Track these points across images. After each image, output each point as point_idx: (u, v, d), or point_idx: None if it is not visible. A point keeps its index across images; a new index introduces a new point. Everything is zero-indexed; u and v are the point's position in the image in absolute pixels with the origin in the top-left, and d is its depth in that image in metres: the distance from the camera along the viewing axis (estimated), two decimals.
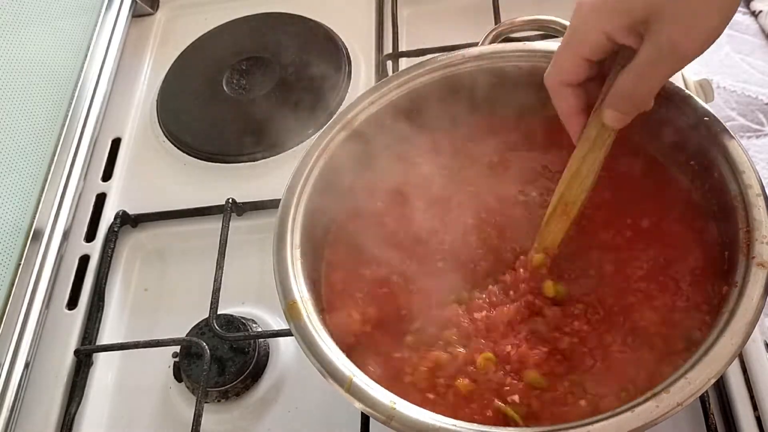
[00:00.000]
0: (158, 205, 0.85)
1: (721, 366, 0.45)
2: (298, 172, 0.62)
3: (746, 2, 1.73)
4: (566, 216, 0.57)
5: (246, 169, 0.88)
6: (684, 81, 0.83)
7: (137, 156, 0.93)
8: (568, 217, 0.57)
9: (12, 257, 0.78)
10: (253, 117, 0.92)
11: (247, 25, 1.04)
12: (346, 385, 0.49)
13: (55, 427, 0.71)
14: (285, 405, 0.70)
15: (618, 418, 0.45)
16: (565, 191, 0.57)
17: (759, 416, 0.60)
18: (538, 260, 0.57)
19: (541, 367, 0.53)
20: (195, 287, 0.78)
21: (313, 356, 0.51)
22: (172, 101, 0.97)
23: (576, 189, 0.56)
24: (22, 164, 0.82)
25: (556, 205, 0.57)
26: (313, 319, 0.53)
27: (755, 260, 0.49)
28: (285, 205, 0.60)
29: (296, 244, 0.58)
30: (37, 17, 0.89)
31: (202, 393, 0.68)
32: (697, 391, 0.45)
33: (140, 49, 1.06)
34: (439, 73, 0.66)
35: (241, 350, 0.71)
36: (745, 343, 0.46)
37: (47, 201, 0.84)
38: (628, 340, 0.54)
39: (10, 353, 0.73)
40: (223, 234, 0.77)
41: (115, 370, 0.76)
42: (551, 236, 0.58)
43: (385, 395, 0.48)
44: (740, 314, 0.47)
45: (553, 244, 0.58)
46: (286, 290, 0.55)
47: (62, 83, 0.92)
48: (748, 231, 0.51)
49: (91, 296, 0.80)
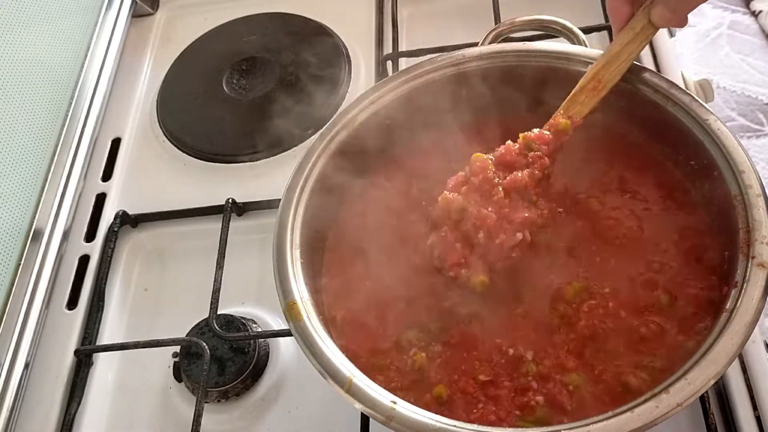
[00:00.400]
0: (158, 205, 0.85)
1: (721, 366, 0.45)
2: (298, 172, 0.62)
3: (746, 2, 1.73)
4: (596, 93, 0.61)
5: (246, 169, 0.88)
6: (684, 81, 0.83)
7: (137, 156, 0.93)
8: (598, 94, 0.61)
9: (12, 257, 0.78)
10: (253, 117, 0.92)
11: (247, 25, 1.04)
12: (346, 386, 0.49)
13: (55, 427, 0.71)
14: (285, 405, 0.70)
15: (618, 418, 0.45)
16: (601, 70, 0.61)
17: (759, 416, 0.60)
18: (564, 125, 0.61)
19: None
20: (195, 287, 0.78)
21: (313, 356, 0.51)
22: (172, 101, 0.97)
23: (612, 70, 0.61)
24: (22, 164, 0.82)
25: (589, 80, 0.62)
26: (313, 319, 0.53)
27: (755, 260, 0.49)
28: (285, 205, 0.60)
29: (296, 244, 0.58)
30: (37, 17, 0.89)
31: (202, 393, 0.68)
32: (697, 391, 0.45)
33: (140, 49, 1.06)
34: (440, 73, 0.66)
35: (241, 350, 0.71)
36: (745, 343, 0.46)
37: (47, 201, 0.84)
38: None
39: (10, 353, 0.73)
40: (223, 234, 0.77)
41: (115, 370, 0.76)
42: (578, 107, 0.62)
43: (385, 396, 0.48)
44: (740, 314, 0.47)
45: (579, 114, 0.62)
46: (285, 290, 0.55)
47: (62, 83, 0.92)
48: (748, 231, 0.51)
49: (91, 296, 0.80)
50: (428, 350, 0.57)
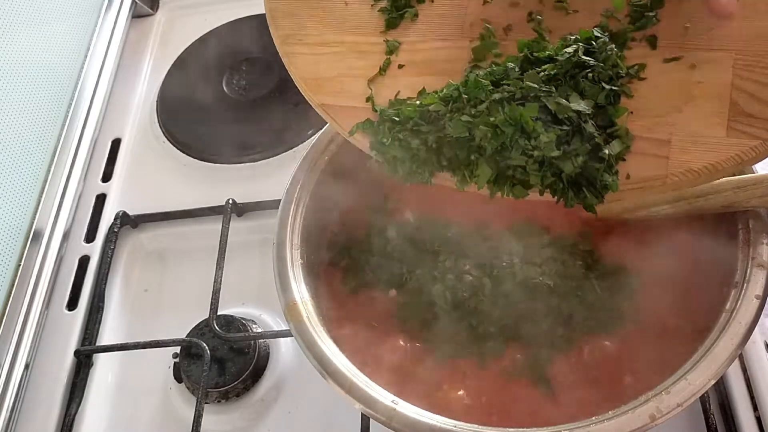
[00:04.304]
0: (158, 206, 0.85)
1: (721, 367, 0.46)
2: (298, 172, 0.62)
3: None
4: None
5: (246, 170, 0.88)
6: None
7: (137, 157, 0.93)
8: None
9: (12, 258, 0.78)
10: (253, 117, 0.92)
11: (247, 25, 1.04)
12: (347, 386, 0.49)
13: (55, 427, 0.71)
14: (285, 406, 0.70)
15: (618, 418, 0.45)
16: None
17: (759, 416, 0.60)
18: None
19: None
20: (195, 288, 0.78)
21: (313, 357, 0.51)
22: (172, 102, 0.97)
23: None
24: (23, 165, 0.82)
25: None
26: (313, 319, 0.53)
27: (755, 260, 0.49)
28: (285, 206, 0.60)
29: (296, 245, 0.58)
30: (37, 18, 0.89)
31: (202, 394, 0.68)
32: (697, 391, 0.45)
33: (140, 50, 1.06)
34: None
35: (241, 351, 0.71)
36: (745, 343, 0.46)
37: (47, 202, 0.84)
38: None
39: (10, 354, 0.73)
40: (223, 234, 0.77)
41: (116, 371, 0.76)
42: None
43: (385, 396, 0.48)
44: (740, 314, 0.47)
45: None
46: (286, 291, 0.55)
47: (62, 83, 0.92)
48: (748, 231, 0.51)
49: (91, 297, 0.80)
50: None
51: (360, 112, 0.51)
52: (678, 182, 0.45)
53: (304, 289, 0.55)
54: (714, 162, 0.44)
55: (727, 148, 0.44)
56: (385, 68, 0.52)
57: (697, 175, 0.44)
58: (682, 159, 0.45)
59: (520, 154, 0.44)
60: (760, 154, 0.44)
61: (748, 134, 0.44)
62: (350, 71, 0.53)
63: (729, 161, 0.44)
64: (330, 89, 0.53)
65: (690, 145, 0.45)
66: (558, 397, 0.53)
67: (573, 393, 0.53)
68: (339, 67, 0.54)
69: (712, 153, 0.44)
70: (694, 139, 0.45)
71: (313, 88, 0.54)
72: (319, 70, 0.54)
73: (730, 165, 0.44)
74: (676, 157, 0.45)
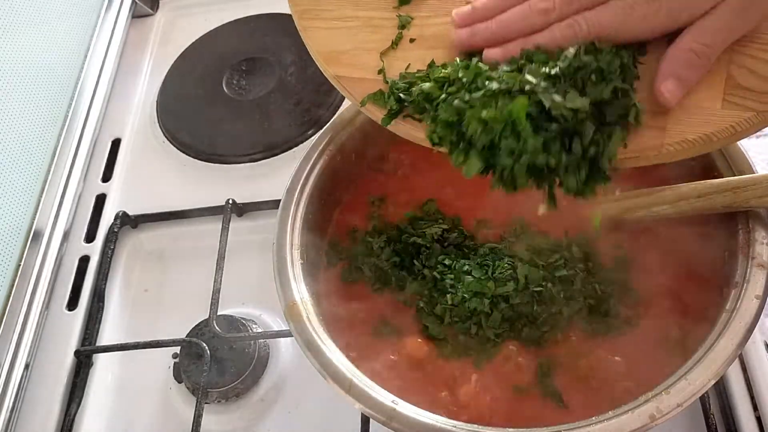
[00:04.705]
0: (158, 206, 0.85)
1: (721, 367, 0.45)
2: (298, 172, 0.62)
3: None
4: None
5: (246, 170, 0.88)
6: None
7: (137, 157, 0.93)
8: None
9: (12, 258, 0.78)
10: (253, 118, 0.92)
11: (247, 25, 1.04)
12: (347, 386, 0.49)
13: (55, 427, 0.71)
14: (285, 406, 0.70)
15: (618, 418, 0.45)
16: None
17: (759, 416, 0.60)
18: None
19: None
20: (195, 288, 0.78)
21: (313, 357, 0.51)
22: (172, 102, 0.97)
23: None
24: (22, 165, 0.82)
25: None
26: (313, 320, 0.53)
27: (755, 260, 0.49)
28: (285, 206, 0.60)
29: (296, 245, 0.58)
30: (37, 18, 0.89)
31: (202, 394, 0.68)
32: (697, 391, 0.45)
33: (140, 50, 1.06)
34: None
35: (241, 351, 0.71)
36: (745, 343, 0.46)
37: (47, 202, 0.84)
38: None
39: (10, 354, 0.73)
40: (223, 235, 0.77)
41: (116, 371, 0.76)
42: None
43: (385, 396, 0.48)
44: (740, 314, 0.47)
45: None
46: (286, 291, 0.55)
47: (62, 83, 0.92)
48: (748, 231, 0.51)
49: (91, 297, 0.80)
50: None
51: (372, 84, 0.53)
52: (673, 152, 0.46)
53: (304, 289, 0.55)
54: (709, 132, 0.46)
55: (722, 119, 0.46)
56: (397, 42, 0.54)
57: (692, 145, 0.46)
58: (678, 129, 0.46)
59: (507, 154, 0.44)
60: (753, 125, 0.46)
61: (742, 106, 0.46)
62: (364, 45, 0.55)
63: (723, 132, 0.46)
64: (344, 62, 0.54)
65: (686, 117, 0.46)
66: (563, 400, 0.53)
67: (576, 396, 0.53)
68: (353, 41, 0.55)
69: (708, 124, 0.46)
70: (689, 111, 0.46)
71: (328, 61, 0.55)
72: (334, 43, 0.55)
73: (724, 136, 0.46)
74: (672, 127, 0.46)
